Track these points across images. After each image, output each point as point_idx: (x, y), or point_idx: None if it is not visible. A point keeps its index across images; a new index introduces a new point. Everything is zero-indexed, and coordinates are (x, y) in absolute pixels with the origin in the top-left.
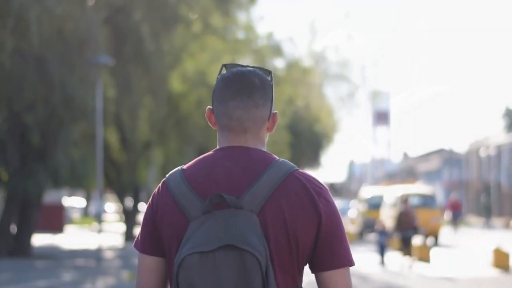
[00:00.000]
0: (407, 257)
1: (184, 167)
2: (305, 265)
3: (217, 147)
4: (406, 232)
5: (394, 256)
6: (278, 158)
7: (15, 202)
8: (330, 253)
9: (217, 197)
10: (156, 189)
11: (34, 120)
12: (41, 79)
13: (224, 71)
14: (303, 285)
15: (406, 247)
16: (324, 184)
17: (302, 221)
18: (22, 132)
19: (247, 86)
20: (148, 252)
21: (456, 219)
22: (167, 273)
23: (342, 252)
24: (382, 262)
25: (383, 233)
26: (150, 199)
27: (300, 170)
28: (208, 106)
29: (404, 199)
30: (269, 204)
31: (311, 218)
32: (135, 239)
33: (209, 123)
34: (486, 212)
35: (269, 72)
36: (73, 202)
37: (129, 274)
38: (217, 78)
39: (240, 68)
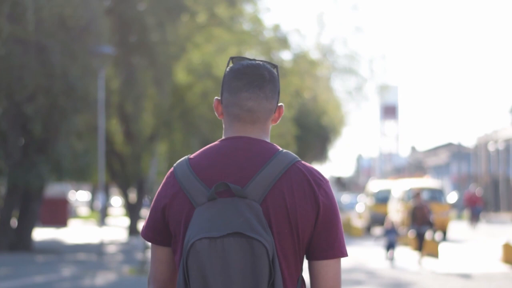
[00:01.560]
0: (418, 253)
1: (191, 156)
2: (305, 253)
3: (223, 137)
4: (421, 227)
5: (404, 252)
6: (281, 149)
7: (16, 195)
8: (325, 244)
9: (222, 185)
10: (165, 177)
11: (35, 110)
12: (42, 68)
13: (231, 64)
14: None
15: (420, 243)
16: (325, 176)
17: (303, 210)
18: (24, 123)
19: (258, 79)
20: (156, 242)
21: (477, 215)
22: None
23: (337, 244)
24: (391, 258)
25: (392, 230)
26: (160, 188)
27: (302, 162)
28: (216, 97)
29: (417, 193)
30: (271, 194)
31: (311, 208)
32: (143, 226)
33: (216, 113)
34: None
35: (275, 66)
36: (80, 196)
37: (130, 269)
38: (226, 70)
39: (250, 61)
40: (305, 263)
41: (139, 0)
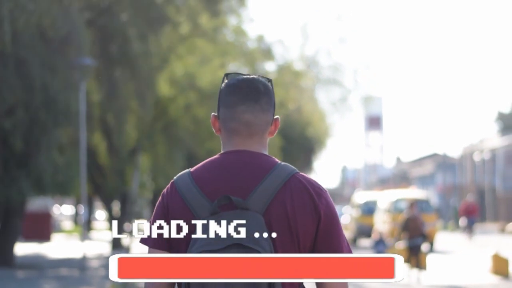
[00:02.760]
0: (415, 268)
1: (192, 169)
2: None
3: (222, 151)
4: (414, 239)
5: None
6: (280, 161)
7: None
8: (330, 251)
9: (225, 199)
10: (165, 189)
11: (15, 124)
12: (21, 81)
13: (226, 80)
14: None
15: (414, 257)
16: (323, 186)
17: (304, 220)
18: (4, 138)
19: (253, 92)
20: (160, 248)
21: (472, 225)
22: None
23: (340, 250)
24: None
25: (380, 242)
26: (160, 198)
27: (301, 173)
28: (213, 113)
29: (412, 204)
30: (273, 205)
31: (311, 217)
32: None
33: (213, 129)
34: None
35: (269, 80)
36: (64, 209)
37: (112, 285)
38: (221, 86)
39: (244, 76)
40: None
41: (120, 11)
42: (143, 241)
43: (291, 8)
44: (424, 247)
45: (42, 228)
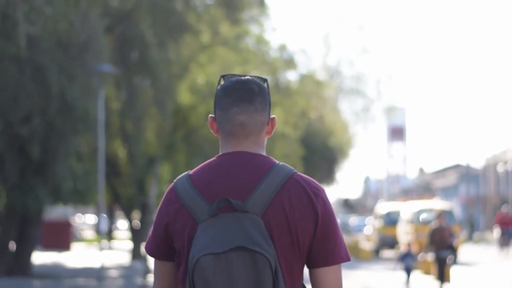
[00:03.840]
0: (438, 281)
1: (191, 172)
2: (305, 262)
3: (220, 153)
4: (441, 252)
5: (421, 278)
6: (278, 162)
7: (14, 219)
8: (325, 251)
9: (224, 201)
10: (165, 193)
11: (31, 131)
12: (38, 88)
13: (222, 82)
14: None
15: (440, 269)
16: (320, 185)
17: (302, 220)
18: (21, 145)
19: (247, 93)
20: (160, 258)
21: (509, 239)
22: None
23: (337, 250)
24: (407, 283)
25: (409, 255)
26: (161, 204)
27: (299, 173)
28: (210, 115)
29: (440, 214)
30: (271, 206)
31: (309, 217)
32: (147, 240)
33: (211, 130)
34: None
35: (264, 80)
36: (87, 219)
37: None
38: (217, 88)
39: (239, 77)
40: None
41: (140, 18)
42: (146, 249)
43: (313, 17)
44: (449, 259)
45: (62, 237)
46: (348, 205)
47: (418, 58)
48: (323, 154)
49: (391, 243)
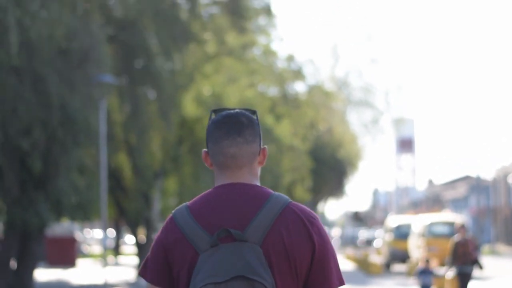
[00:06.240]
0: None
1: (189, 203)
2: None
3: (216, 185)
4: (464, 266)
5: None
6: (273, 192)
7: (15, 234)
8: (322, 277)
9: (224, 232)
10: (165, 223)
11: (32, 144)
12: (38, 98)
13: (213, 116)
14: None
15: (463, 285)
16: (315, 213)
17: (300, 249)
18: (22, 158)
19: (236, 126)
20: (156, 283)
21: None
22: None
23: (333, 276)
24: None
25: (426, 271)
26: (160, 232)
27: (294, 202)
28: (204, 149)
29: (461, 227)
30: (270, 235)
31: (306, 245)
32: (142, 265)
33: (205, 164)
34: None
35: (254, 112)
36: (95, 234)
37: None
38: (208, 122)
39: (228, 111)
40: None
41: (143, 27)
42: (142, 274)
43: (321, 27)
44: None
45: (67, 253)
46: (358, 218)
47: (426, 69)
48: (332, 167)
49: (402, 257)
